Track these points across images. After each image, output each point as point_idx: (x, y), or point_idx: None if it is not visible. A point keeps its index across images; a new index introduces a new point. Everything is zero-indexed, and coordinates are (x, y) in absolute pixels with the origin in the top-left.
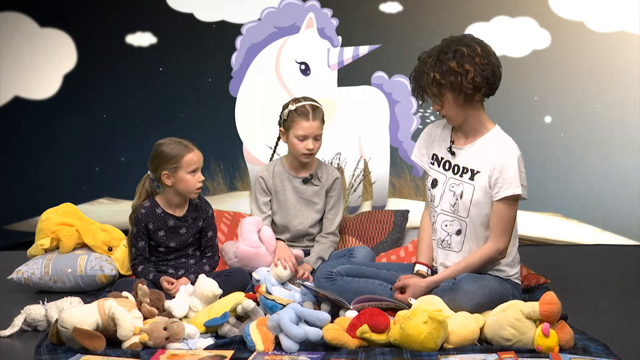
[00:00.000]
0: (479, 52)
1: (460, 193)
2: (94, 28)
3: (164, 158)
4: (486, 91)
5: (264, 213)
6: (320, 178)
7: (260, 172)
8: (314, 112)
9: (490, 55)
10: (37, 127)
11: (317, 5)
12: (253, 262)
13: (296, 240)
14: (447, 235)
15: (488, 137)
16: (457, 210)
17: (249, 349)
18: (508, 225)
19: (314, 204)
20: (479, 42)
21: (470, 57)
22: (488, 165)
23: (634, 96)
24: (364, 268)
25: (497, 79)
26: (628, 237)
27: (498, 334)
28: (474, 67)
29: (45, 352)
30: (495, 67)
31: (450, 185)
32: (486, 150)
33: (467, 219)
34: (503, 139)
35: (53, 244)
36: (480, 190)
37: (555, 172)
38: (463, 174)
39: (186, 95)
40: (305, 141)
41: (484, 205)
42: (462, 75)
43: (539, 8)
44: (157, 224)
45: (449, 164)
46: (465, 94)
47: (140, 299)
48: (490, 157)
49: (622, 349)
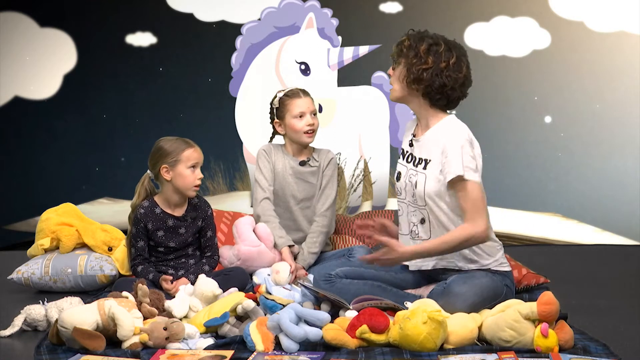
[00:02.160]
0: (451, 62)
1: (414, 183)
2: (94, 28)
3: (164, 152)
4: (424, 90)
5: (269, 182)
6: (316, 159)
7: (263, 147)
8: (303, 91)
9: (457, 74)
10: (37, 127)
11: (317, 5)
12: (257, 262)
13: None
14: (414, 226)
15: (438, 126)
16: (416, 200)
17: (249, 349)
18: (475, 204)
19: (311, 184)
20: (461, 58)
21: (440, 57)
22: (437, 153)
23: (634, 96)
24: (363, 270)
25: (442, 95)
26: (628, 237)
27: (497, 336)
28: (434, 65)
29: (45, 352)
30: (449, 86)
31: (409, 176)
32: (435, 138)
33: (427, 208)
34: (451, 126)
35: (53, 244)
36: (432, 179)
37: (555, 172)
38: (418, 164)
39: (186, 95)
40: (304, 118)
41: (440, 194)
42: (420, 60)
43: (539, 8)
44: (156, 223)
45: (411, 156)
46: (409, 76)
47: (140, 299)
48: (438, 144)
49: (622, 349)
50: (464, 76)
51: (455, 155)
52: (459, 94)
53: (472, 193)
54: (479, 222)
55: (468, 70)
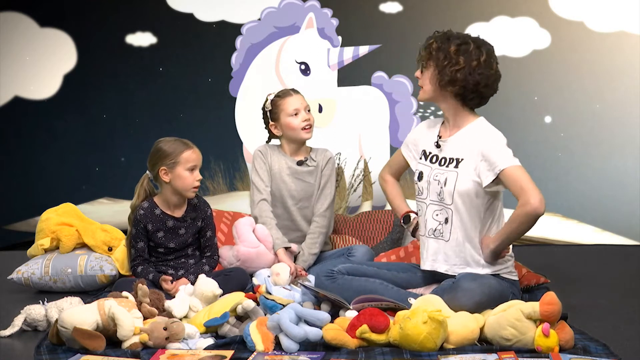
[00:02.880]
0: (482, 59)
1: (444, 180)
2: (94, 28)
3: (163, 154)
4: (458, 91)
5: (265, 184)
6: (314, 159)
7: (259, 147)
8: (293, 90)
9: (489, 71)
10: (37, 127)
11: (317, 5)
12: (255, 263)
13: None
14: (439, 225)
15: (471, 126)
16: (442, 198)
17: (249, 349)
18: (523, 184)
19: (309, 184)
20: (490, 54)
21: (471, 57)
22: (472, 154)
23: (634, 96)
24: (365, 267)
25: (476, 94)
26: (628, 237)
27: (498, 334)
28: (467, 65)
29: (45, 352)
30: (482, 83)
31: (435, 175)
32: (469, 139)
33: (452, 206)
34: (486, 128)
35: (53, 244)
36: (465, 177)
37: (555, 172)
38: (449, 164)
39: (186, 95)
40: (299, 114)
41: (470, 193)
42: (452, 62)
43: (539, 8)
44: (156, 224)
45: (436, 157)
46: (442, 78)
47: (140, 299)
48: (473, 146)
49: (622, 349)
50: (495, 72)
51: (496, 150)
52: (492, 91)
53: (517, 173)
54: (530, 195)
55: (497, 65)
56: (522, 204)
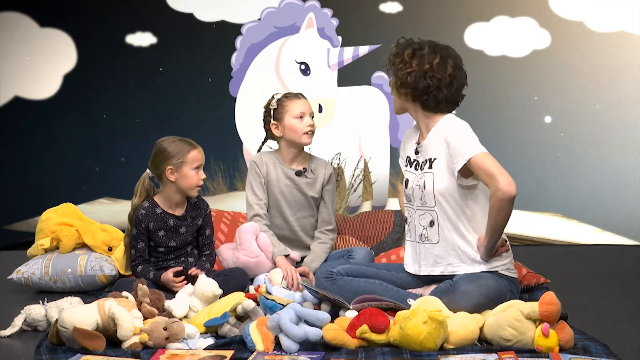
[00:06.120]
0: (435, 62)
1: (422, 184)
2: (94, 28)
3: (169, 154)
4: (412, 93)
5: (258, 198)
6: (314, 171)
7: (253, 157)
8: (300, 94)
9: (442, 74)
10: (37, 127)
11: (317, 5)
12: (254, 271)
13: (293, 234)
14: (423, 229)
15: (437, 126)
16: (425, 202)
17: (249, 349)
18: (491, 168)
19: (307, 196)
20: (445, 59)
21: (423, 60)
22: (441, 149)
23: (634, 96)
24: (364, 268)
25: (429, 96)
26: (628, 237)
27: (498, 334)
28: (418, 68)
29: (45, 352)
30: (433, 86)
31: (417, 181)
32: (437, 136)
33: (436, 208)
34: (450, 120)
35: (53, 244)
36: (440, 175)
37: (555, 172)
38: (424, 167)
39: (186, 95)
40: (304, 118)
41: (449, 189)
42: (405, 65)
43: (539, 8)
44: (158, 224)
45: (417, 163)
46: (397, 82)
47: (140, 299)
48: (440, 140)
49: (622, 349)
50: (450, 76)
51: (460, 140)
52: (447, 94)
53: (484, 161)
54: (498, 180)
55: (456, 70)
56: (493, 192)
